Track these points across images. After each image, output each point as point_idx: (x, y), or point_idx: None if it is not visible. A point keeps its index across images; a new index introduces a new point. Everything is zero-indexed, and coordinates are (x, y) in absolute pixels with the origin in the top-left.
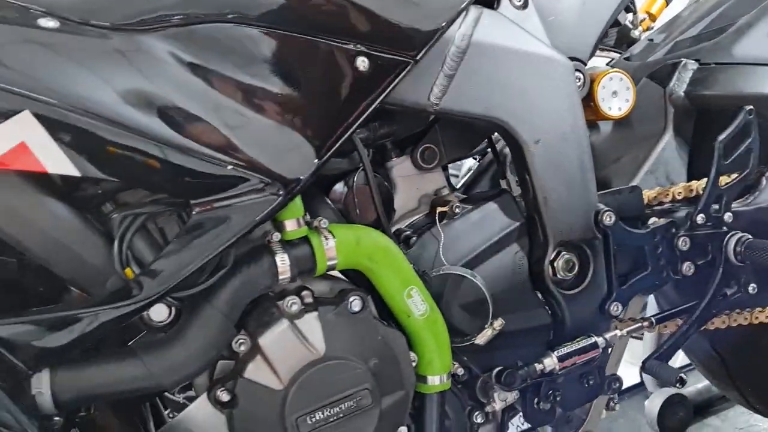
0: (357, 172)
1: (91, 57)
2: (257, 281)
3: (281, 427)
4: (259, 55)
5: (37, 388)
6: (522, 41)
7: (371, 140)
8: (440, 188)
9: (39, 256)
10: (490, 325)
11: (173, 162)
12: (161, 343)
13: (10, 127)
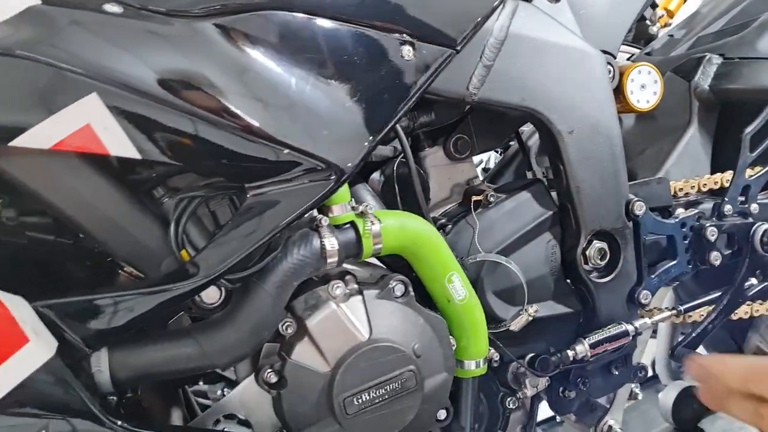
0: (396, 160)
1: (153, 41)
2: (306, 264)
3: (329, 408)
4: (310, 43)
5: (96, 367)
6: (557, 33)
7: (410, 129)
8: (471, 178)
9: (97, 238)
10: (525, 312)
11: (233, 146)
12: (215, 323)
13: (76, 109)
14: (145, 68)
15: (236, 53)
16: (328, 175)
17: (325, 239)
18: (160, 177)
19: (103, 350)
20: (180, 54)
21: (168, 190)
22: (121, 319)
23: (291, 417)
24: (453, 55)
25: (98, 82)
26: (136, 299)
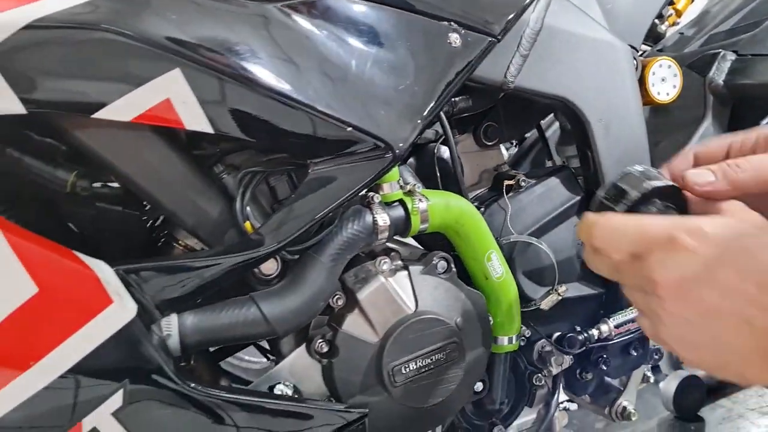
0: (436, 143)
1: (230, 22)
2: (359, 239)
3: (377, 376)
4: (368, 28)
5: (167, 330)
6: (587, 26)
7: (449, 114)
8: (500, 164)
9: (167, 208)
10: (554, 291)
11: (301, 123)
12: (277, 292)
13: (159, 83)
14: (223, 47)
15: (304, 35)
16: (384, 153)
17: (377, 215)
18: (226, 152)
19: (173, 315)
20: (255, 35)
21: (233, 165)
22: (191, 285)
23: (341, 385)
24: (494, 43)
25: (181, 59)
26: (207, 265)
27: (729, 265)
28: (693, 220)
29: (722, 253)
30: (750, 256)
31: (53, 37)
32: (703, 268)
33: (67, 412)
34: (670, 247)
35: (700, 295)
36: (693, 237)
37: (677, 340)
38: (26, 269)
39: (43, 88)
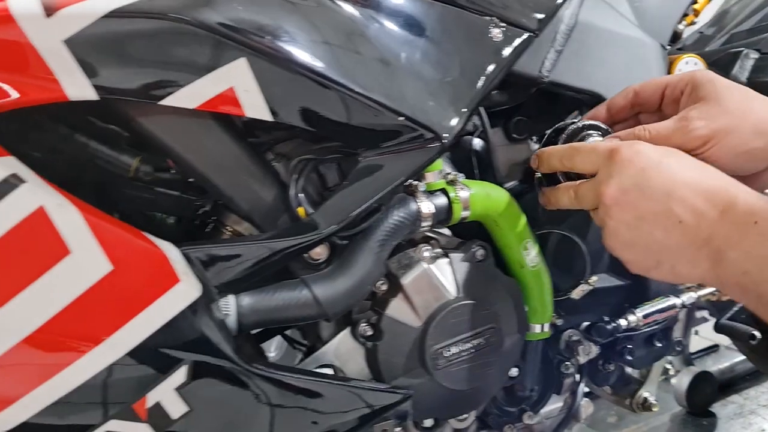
0: (472, 136)
1: (293, 12)
2: (404, 225)
3: (420, 359)
4: (417, 21)
5: (226, 310)
6: (618, 23)
7: (485, 107)
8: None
9: (225, 193)
10: (586, 281)
11: (356, 113)
12: (328, 276)
13: (225, 72)
14: (286, 37)
15: (359, 27)
16: (432, 142)
17: (422, 203)
18: (277, 140)
19: (231, 296)
20: (314, 26)
21: (283, 153)
22: (248, 267)
23: (384, 367)
24: (533, 38)
25: (247, 48)
26: (264, 248)
27: (663, 173)
28: (634, 140)
29: (657, 163)
30: (682, 168)
31: (129, 26)
32: (640, 177)
33: (133, 386)
34: (612, 161)
35: (637, 200)
36: (631, 150)
37: (620, 244)
38: (102, 248)
39: (116, 76)
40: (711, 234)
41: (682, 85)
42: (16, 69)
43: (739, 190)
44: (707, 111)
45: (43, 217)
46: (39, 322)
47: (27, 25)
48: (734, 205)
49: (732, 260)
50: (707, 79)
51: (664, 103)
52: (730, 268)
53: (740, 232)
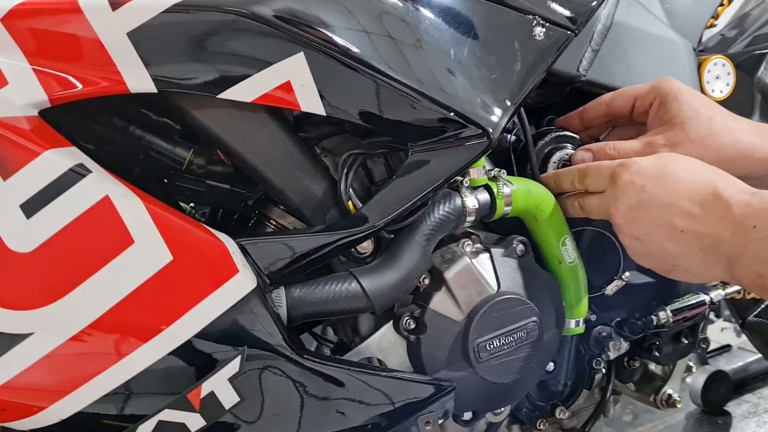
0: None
1: (347, 9)
2: (449, 220)
3: (463, 352)
4: (466, 19)
5: (278, 303)
6: (652, 24)
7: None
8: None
9: (276, 186)
10: (619, 277)
11: (408, 108)
12: (375, 269)
13: (283, 66)
14: (343, 32)
15: (412, 24)
16: (480, 138)
17: (466, 198)
18: (326, 134)
19: (281, 288)
20: (370, 22)
21: (334, 147)
22: (300, 259)
23: (427, 360)
24: (572, 37)
25: (306, 43)
26: (315, 241)
27: (661, 188)
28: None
29: (655, 179)
30: (676, 180)
31: (189, 20)
32: (641, 195)
33: (189, 375)
34: (615, 184)
35: (642, 216)
36: (630, 171)
37: (637, 255)
38: (164, 238)
39: (176, 69)
40: (715, 239)
41: (650, 98)
42: (82, 60)
43: (731, 191)
44: (672, 137)
45: (109, 206)
46: (102, 310)
47: (94, 17)
48: (729, 209)
49: (743, 264)
50: (673, 97)
51: (634, 113)
52: (744, 272)
53: (742, 236)
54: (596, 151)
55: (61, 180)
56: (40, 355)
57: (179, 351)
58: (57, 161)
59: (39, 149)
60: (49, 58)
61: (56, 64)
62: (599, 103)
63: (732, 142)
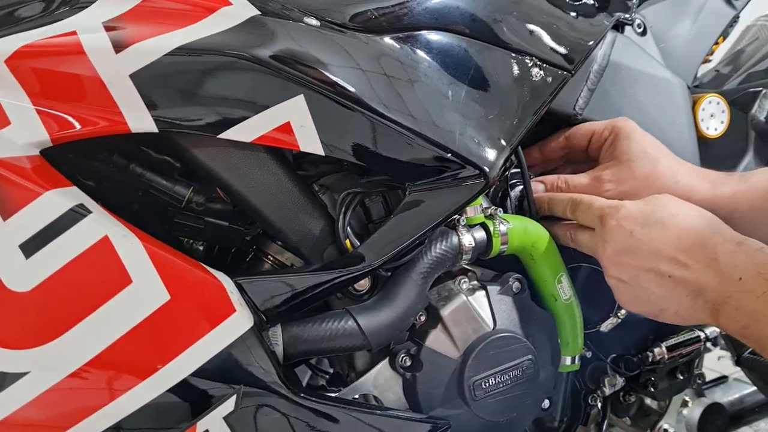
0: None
1: (346, 52)
2: (446, 258)
3: (459, 390)
4: (463, 61)
5: (275, 341)
6: (647, 63)
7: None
8: None
9: (274, 224)
10: (615, 314)
11: (405, 148)
12: (372, 307)
13: (283, 107)
14: (342, 74)
15: (408, 66)
16: (477, 178)
17: (463, 237)
18: (324, 173)
19: (278, 326)
20: (367, 64)
21: (332, 185)
22: (297, 297)
23: (423, 398)
24: (569, 77)
25: (306, 85)
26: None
27: (649, 234)
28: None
29: (643, 225)
30: (663, 227)
31: (192, 62)
32: (630, 241)
33: (185, 414)
34: (603, 227)
35: (630, 261)
36: (618, 216)
37: (625, 299)
38: (161, 278)
39: (177, 110)
40: (701, 286)
41: (606, 134)
42: (84, 101)
43: (719, 241)
44: (617, 173)
45: (108, 246)
46: (99, 349)
47: (97, 59)
48: (715, 260)
49: (728, 314)
50: (625, 135)
51: (590, 148)
52: (729, 322)
53: (728, 287)
54: (548, 183)
55: (61, 220)
56: (37, 394)
57: (176, 389)
58: (57, 201)
59: (40, 189)
60: (52, 99)
61: (59, 104)
62: (558, 136)
63: (673, 182)
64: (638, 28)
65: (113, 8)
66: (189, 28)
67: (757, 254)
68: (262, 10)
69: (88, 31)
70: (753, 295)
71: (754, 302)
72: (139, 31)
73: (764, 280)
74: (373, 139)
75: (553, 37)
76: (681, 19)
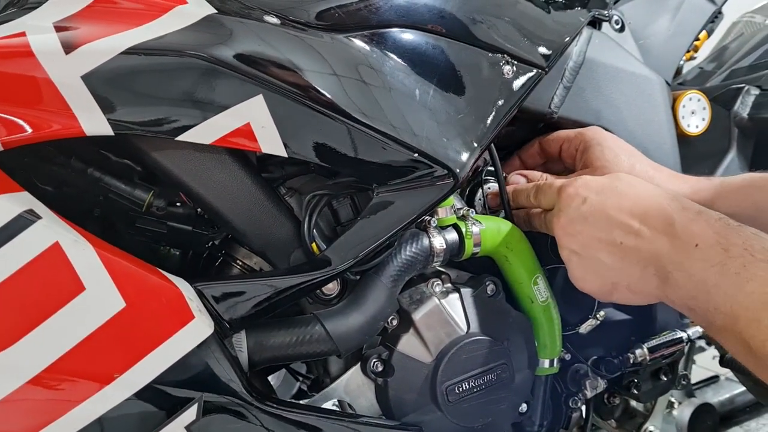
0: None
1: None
2: (417, 261)
3: (432, 395)
4: (432, 59)
5: (239, 347)
6: (625, 60)
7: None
8: None
9: (237, 228)
10: (594, 316)
11: (371, 149)
12: (340, 311)
13: (242, 108)
14: (303, 74)
15: (374, 64)
16: (446, 179)
17: (434, 239)
18: (290, 175)
19: (242, 332)
20: (330, 63)
21: (299, 187)
22: (261, 303)
23: (395, 403)
24: (542, 75)
25: (265, 85)
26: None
27: (603, 201)
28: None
29: (597, 192)
30: (619, 194)
31: (146, 63)
32: (583, 208)
33: (146, 423)
34: (560, 196)
35: (581, 229)
36: (576, 184)
37: (578, 275)
38: (116, 285)
39: (133, 112)
40: (654, 253)
41: (576, 143)
42: (35, 104)
43: (677, 208)
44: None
45: (58, 252)
46: (52, 358)
47: (47, 61)
48: (671, 224)
49: (678, 282)
50: (597, 142)
51: (562, 155)
52: (677, 290)
53: (682, 253)
54: (530, 177)
55: (9, 226)
56: None
57: (135, 398)
58: (6, 207)
59: None
60: (1, 102)
61: (9, 107)
62: (534, 143)
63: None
64: (616, 25)
65: (65, 8)
66: (143, 27)
67: (717, 223)
68: (219, 9)
69: (37, 31)
70: (707, 263)
71: (707, 271)
72: (90, 31)
73: (722, 249)
74: (337, 140)
75: (526, 33)
76: (660, 15)
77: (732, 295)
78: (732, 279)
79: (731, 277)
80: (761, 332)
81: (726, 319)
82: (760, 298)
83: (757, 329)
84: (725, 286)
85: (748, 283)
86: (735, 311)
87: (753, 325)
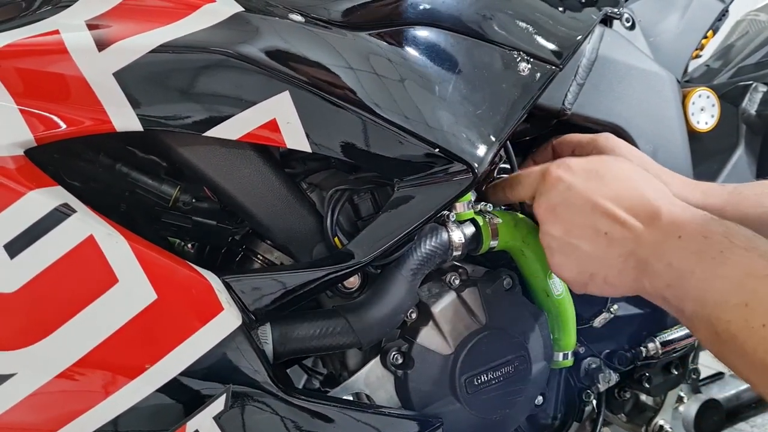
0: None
1: (333, 49)
2: (436, 255)
3: (451, 387)
4: (450, 56)
5: (264, 339)
6: (636, 57)
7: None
8: None
9: (262, 222)
10: (607, 310)
11: (393, 144)
12: (362, 304)
13: (268, 104)
14: (328, 70)
15: (395, 61)
16: (466, 173)
17: (452, 233)
18: (312, 170)
19: (267, 324)
20: (354, 60)
21: (320, 182)
22: (286, 296)
23: (415, 395)
24: (557, 72)
25: (292, 81)
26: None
27: (589, 187)
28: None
29: (584, 178)
30: (605, 181)
31: (176, 60)
32: (567, 193)
33: (174, 414)
34: (543, 180)
35: (564, 215)
36: (560, 168)
37: (556, 261)
38: (148, 277)
39: (162, 108)
40: (636, 244)
41: (589, 149)
42: (68, 100)
43: (665, 201)
44: None
45: (93, 245)
46: (84, 351)
47: (80, 58)
48: (657, 217)
49: (655, 271)
50: (609, 149)
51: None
52: (654, 280)
53: (664, 244)
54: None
55: (45, 220)
56: (24, 395)
57: (165, 389)
58: (41, 201)
59: (23, 189)
60: (35, 98)
61: (43, 104)
62: (547, 145)
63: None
64: (627, 23)
65: (96, 6)
66: (172, 25)
67: (702, 218)
68: (246, 7)
69: (70, 29)
70: (687, 251)
71: (686, 259)
72: (122, 29)
73: (702, 237)
74: (360, 136)
75: (541, 31)
76: (670, 13)
77: (704, 279)
78: (707, 263)
79: (707, 261)
80: (726, 313)
81: (695, 304)
82: (731, 281)
83: (722, 311)
84: (699, 271)
85: (722, 267)
86: (705, 296)
87: (720, 307)
